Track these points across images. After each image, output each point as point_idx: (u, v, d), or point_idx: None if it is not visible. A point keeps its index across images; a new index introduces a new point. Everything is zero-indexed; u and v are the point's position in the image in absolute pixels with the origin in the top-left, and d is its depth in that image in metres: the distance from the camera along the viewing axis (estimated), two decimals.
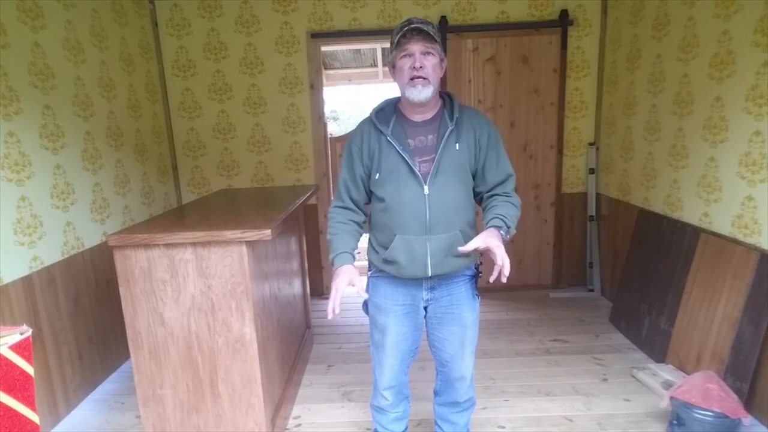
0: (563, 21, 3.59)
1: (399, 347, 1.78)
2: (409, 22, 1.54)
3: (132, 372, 1.97)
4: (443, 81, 3.56)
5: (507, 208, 1.59)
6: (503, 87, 3.69)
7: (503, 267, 1.44)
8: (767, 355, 2.13)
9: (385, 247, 1.66)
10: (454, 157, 1.60)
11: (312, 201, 3.76)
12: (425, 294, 1.72)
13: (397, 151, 1.59)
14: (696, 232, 2.62)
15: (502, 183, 1.66)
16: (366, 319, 1.87)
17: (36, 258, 2.34)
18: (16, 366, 1.34)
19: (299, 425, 2.36)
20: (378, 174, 1.64)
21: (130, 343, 1.92)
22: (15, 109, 2.25)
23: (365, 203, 1.76)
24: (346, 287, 1.59)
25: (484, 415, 2.34)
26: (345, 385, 2.69)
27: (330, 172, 4.01)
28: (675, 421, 2.11)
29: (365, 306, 1.83)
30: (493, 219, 1.55)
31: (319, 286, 4.03)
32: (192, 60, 3.70)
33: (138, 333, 1.91)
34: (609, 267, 3.72)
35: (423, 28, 1.51)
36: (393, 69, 1.62)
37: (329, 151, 3.98)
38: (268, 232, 1.79)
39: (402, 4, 3.62)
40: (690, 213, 2.73)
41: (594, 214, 3.84)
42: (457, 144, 1.61)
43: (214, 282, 1.86)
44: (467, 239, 1.61)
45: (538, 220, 3.92)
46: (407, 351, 1.81)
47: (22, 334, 1.37)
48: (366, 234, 1.79)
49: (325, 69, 5.15)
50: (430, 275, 1.64)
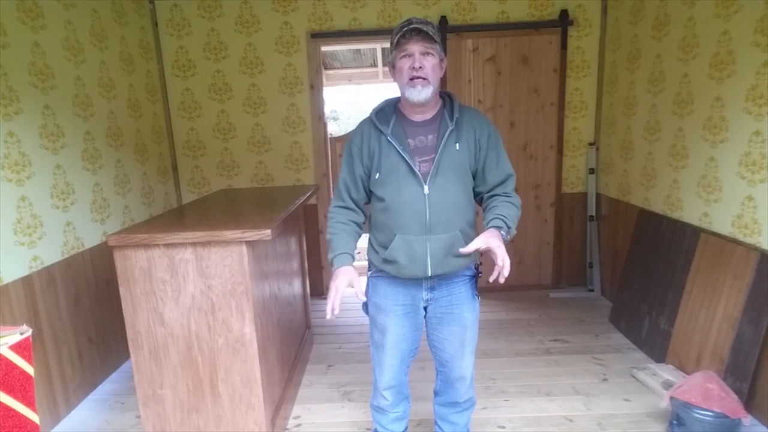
0: (563, 21, 3.59)
1: (399, 347, 1.78)
2: (409, 22, 1.54)
3: (132, 372, 1.97)
4: (443, 81, 3.56)
5: (507, 208, 1.59)
6: (503, 87, 3.69)
7: (503, 268, 1.44)
8: (767, 355, 2.13)
9: (385, 247, 1.66)
10: (454, 157, 1.60)
11: (312, 201, 3.76)
12: (425, 294, 1.72)
13: (397, 151, 1.59)
14: (696, 232, 2.62)
15: (502, 183, 1.66)
16: (366, 319, 1.87)
17: (36, 258, 2.34)
18: (16, 366, 1.34)
19: (299, 425, 2.36)
20: (378, 174, 1.64)
21: (130, 343, 1.92)
22: (15, 109, 2.25)
23: (365, 203, 1.76)
24: (345, 288, 1.59)
25: (484, 415, 2.34)
26: (345, 385, 2.69)
27: (330, 172, 4.01)
28: (675, 421, 2.11)
29: (365, 306, 1.83)
30: (494, 219, 1.55)
31: (319, 286, 4.03)
32: (192, 60, 3.70)
33: (138, 333, 1.91)
34: (609, 267, 3.72)
35: (422, 28, 1.51)
36: (393, 69, 1.62)
37: (329, 151, 3.98)
38: (268, 232, 1.79)
39: (402, 4, 3.63)
40: (690, 213, 2.73)
41: (594, 214, 3.84)
42: (457, 144, 1.61)
43: (214, 282, 1.86)
44: (467, 239, 1.61)
45: (538, 220, 3.92)
46: (407, 351, 1.81)
47: (22, 334, 1.37)
48: (366, 234, 1.80)
49: (325, 69, 5.15)
50: (430, 275, 1.64)
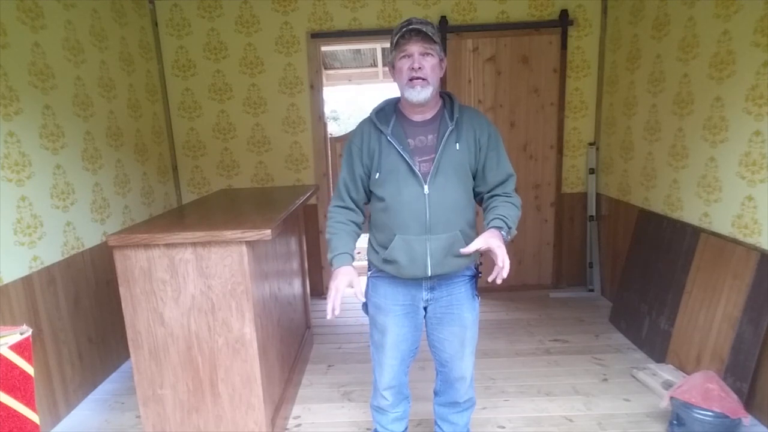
0: (563, 21, 3.59)
1: (399, 347, 1.78)
2: (409, 22, 1.54)
3: (132, 372, 1.97)
4: (443, 81, 3.56)
5: (508, 208, 1.59)
6: (503, 87, 3.69)
7: (503, 269, 1.44)
8: (767, 355, 2.13)
9: (385, 247, 1.66)
10: (454, 157, 1.60)
11: (312, 201, 3.76)
12: (425, 294, 1.72)
13: (397, 151, 1.59)
14: (696, 232, 2.62)
15: (502, 183, 1.66)
16: (366, 319, 1.87)
17: (36, 258, 2.34)
18: (16, 366, 1.34)
19: (299, 425, 2.36)
20: (378, 174, 1.64)
21: (130, 343, 1.92)
22: (15, 109, 2.25)
23: (364, 203, 1.76)
24: (345, 288, 1.59)
25: (484, 415, 2.34)
26: (345, 385, 2.69)
27: (330, 172, 4.01)
28: (675, 421, 2.11)
29: (365, 306, 1.83)
30: (494, 219, 1.55)
31: (319, 286, 4.03)
32: (192, 60, 3.70)
33: (138, 333, 1.91)
34: (609, 267, 3.72)
35: (422, 29, 1.51)
36: (392, 69, 1.62)
37: (329, 151, 3.98)
38: (268, 232, 1.79)
39: (402, 4, 3.62)
40: (690, 213, 2.73)
41: (594, 214, 3.84)
42: (457, 144, 1.61)
43: (214, 282, 1.86)
44: (467, 239, 1.61)
45: (538, 220, 3.92)
46: (407, 351, 1.81)
47: (22, 334, 1.37)
48: (366, 234, 1.79)
49: (325, 69, 5.15)
50: (429, 275, 1.64)
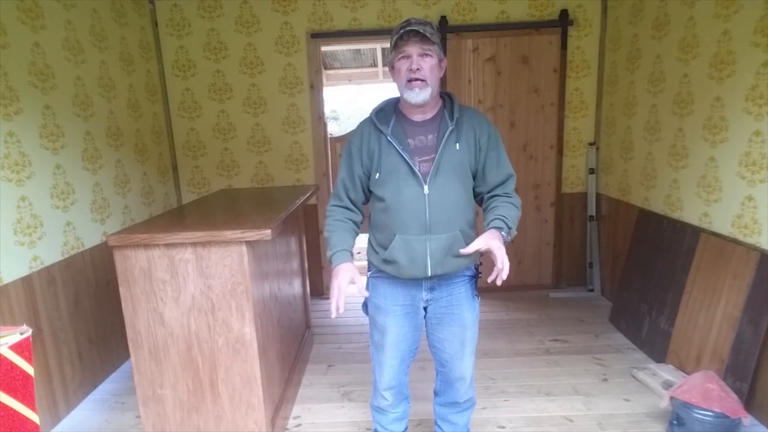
0: (563, 21, 3.59)
1: (399, 347, 1.78)
2: (408, 23, 1.54)
3: (132, 372, 1.97)
4: (443, 81, 3.56)
5: (508, 208, 1.59)
6: (503, 87, 3.69)
7: (502, 270, 1.44)
8: (767, 355, 2.13)
9: (385, 247, 1.66)
10: (454, 157, 1.60)
11: (312, 201, 3.75)
12: (425, 294, 1.72)
13: (397, 151, 1.59)
14: (696, 232, 2.62)
15: (502, 183, 1.66)
16: (366, 319, 1.87)
17: (36, 258, 2.34)
18: (16, 366, 1.34)
19: (299, 425, 2.36)
20: (378, 174, 1.64)
21: (130, 343, 1.92)
22: (15, 109, 2.25)
23: (363, 203, 1.76)
24: (347, 285, 1.58)
25: (484, 415, 2.34)
26: (345, 385, 2.69)
27: (330, 172, 4.00)
28: (675, 421, 2.11)
29: (365, 306, 1.83)
30: (494, 220, 1.55)
31: (319, 286, 4.03)
32: (192, 60, 3.70)
33: (138, 333, 1.91)
34: (609, 267, 3.72)
35: (420, 29, 1.50)
36: (392, 70, 1.62)
37: (329, 151, 3.98)
38: (268, 232, 1.79)
39: (402, 4, 3.62)
40: (690, 213, 2.73)
41: (594, 214, 3.84)
42: (457, 144, 1.61)
43: (214, 282, 1.86)
44: (467, 239, 1.61)
45: (538, 220, 3.92)
46: (407, 351, 1.81)
47: (22, 334, 1.37)
48: (365, 234, 1.79)
49: (325, 69, 5.14)
50: (429, 275, 1.64)
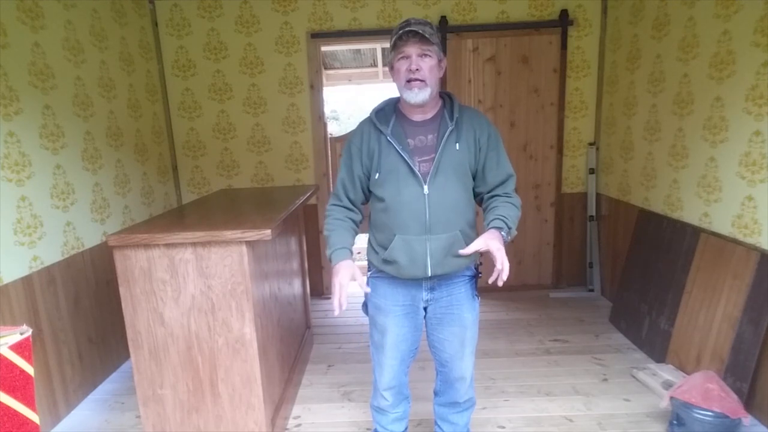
0: (563, 21, 3.59)
1: (399, 348, 1.78)
2: (407, 23, 1.53)
3: (132, 372, 1.97)
4: (443, 81, 3.56)
5: (508, 208, 1.59)
6: (503, 87, 3.69)
7: (502, 271, 1.44)
8: (767, 355, 2.13)
9: (385, 248, 1.66)
10: (454, 157, 1.60)
11: (312, 201, 3.75)
12: (425, 294, 1.72)
13: (397, 151, 1.59)
14: (696, 232, 2.62)
15: (502, 183, 1.66)
16: (366, 319, 1.87)
17: (36, 258, 2.34)
18: (16, 366, 1.34)
19: (299, 425, 2.36)
20: (378, 174, 1.64)
21: (130, 343, 1.92)
22: (15, 109, 2.25)
23: (362, 203, 1.77)
24: (348, 282, 1.58)
25: (484, 415, 2.34)
26: (345, 385, 2.69)
27: (330, 172, 4.00)
28: (675, 421, 2.11)
29: (365, 306, 1.83)
30: (494, 220, 1.55)
31: (319, 286, 4.03)
32: (192, 60, 3.70)
33: (138, 333, 1.91)
34: (609, 267, 3.72)
35: (419, 30, 1.50)
36: (392, 70, 1.62)
37: (329, 151, 3.98)
38: (268, 232, 1.79)
39: (402, 4, 3.62)
40: (690, 213, 2.73)
41: (594, 214, 3.84)
42: (457, 144, 1.61)
43: (214, 282, 1.86)
44: (467, 239, 1.61)
45: (538, 220, 3.92)
46: (407, 351, 1.81)
47: (22, 334, 1.37)
48: (365, 234, 1.79)
49: (325, 69, 5.15)
50: (429, 275, 1.64)
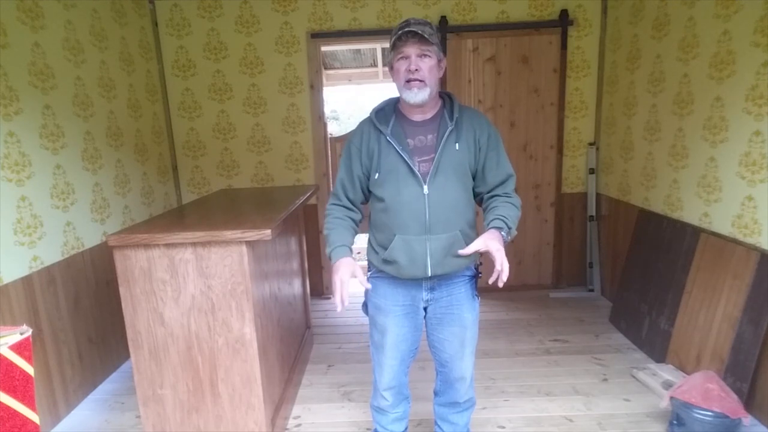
0: (563, 21, 3.59)
1: (399, 348, 1.78)
2: (406, 23, 1.53)
3: (132, 372, 1.97)
4: (443, 81, 3.56)
5: (508, 208, 1.59)
6: (503, 87, 3.69)
7: (501, 272, 1.44)
8: (767, 355, 2.13)
9: (385, 248, 1.66)
10: (453, 157, 1.60)
11: (312, 201, 3.75)
12: (425, 294, 1.72)
13: (397, 151, 1.59)
14: (696, 232, 2.62)
15: (502, 183, 1.66)
16: (366, 319, 1.87)
17: (36, 258, 2.34)
18: (16, 366, 1.34)
19: (299, 425, 2.36)
20: (377, 174, 1.64)
21: (130, 343, 1.92)
22: (15, 109, 2.25)
23: (362, 203, 1.77)
24: (349, 279, 1.58)
25: (484, 415, 2.34)
26: (345, 385, 2.69)
27: (330, 172, 4.00)
28: (675, 421, 2.11)
29: (365, 307, 1.83)
30: (494, 220, 1.55)
31: (319, 286, 4.03)
32: (192, 60, 3.70)
33: (138, 333, 1.91)
34: (609, 267, 3.72)
35: (418, 30, 1.50)
36: (391, 71, 1.62)
37: (329, 151, 3.98)
38: (268, 232, 1.79)
39: (402, 4, 3.62)
40: (690, 213, 2.73)
41: (594, 214, 3.84)
42: (457, 144, 1.61)
43: (214, 282, 1.86)
44: (467, 239, 1.61)
45: (538, 220, 3.92)
46: (407, 351, 1.81)
47: (22, 334, 1.37)
48: (365, 234, 1.79)
49: (325, 69, 5.14)
50: (429, 275, 1.64)
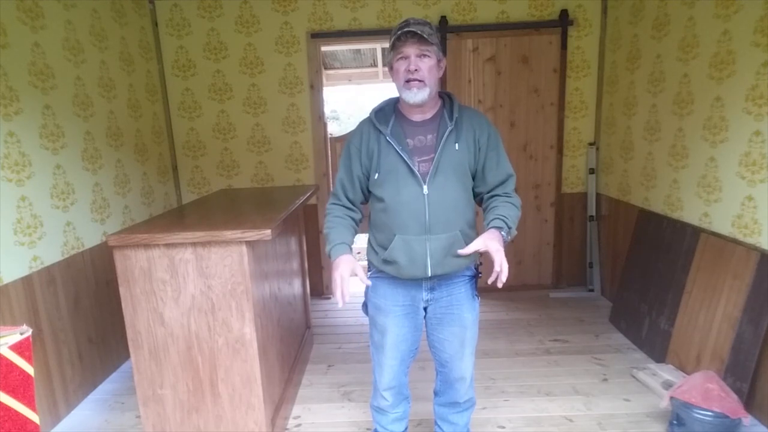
0: (563, 21, 3.59)
1: (399, 348, 1.78)
2: (406, 23, 1.53)
3: (132, 372, 1.97)
4: (443, 81, 3.57)
5: (507, 208, 1.59)
6: (503, 87, 3.69)
7: (501, 273, 1.44)
8: (767, 355, 2.13)
9: (385, 248, 1.66)
10: (453, 157, 1.60)
11: (312, 201, 3.75)
12: (425, 294, 1.72)
13: (396, 151, 1.59)
14: (696, 232, 2.62)
15: (502, 183, 1.66)
16: (366, 319, 1.87)
17: (36, 258, 2.34)
18: (16, 366, 1.34)
19: (299, 425, 2.36)
20: (377, 174, 1.64)
21: (130, 343, 1.92)
22: (15, 109, 2.25)
23: (362, 203, 1.77)
24: (349, 275, 1.57)
25: (484, 415, 2.34)
26: (345, 385, 2.69)
27: (330, 172, 4.01)
28: (675, 421, 2.11)
29: (365, 307, 1.83)
30: (494, 220, 1.55)
31: (319, 286, 4.03)
32: (192, 60, 3.70)
33: (138, 333, 1.91)
34: (609, 267, 3.72)
35: (418, 31, 1.50)
36: (391, 71, 1.62)
37: (329, 151, 3.98)
38: (268, 232, 1.79)
39: (402, 4, 3.62)
40: (690, 213, 2.73)
41: (594, 214, 3.84)
42: (457, 144, 1.61)
43: (214, 282, 1.86)
44: (467, 239, 1.61)
45: (538, 220, 3.92)
46: (407, 351, 1.81)
47: (22, 334, 1.37)
48: (365, 234, 1.79)
49: (325, 69, 5.15)
50: (429, 275, 1.64)
